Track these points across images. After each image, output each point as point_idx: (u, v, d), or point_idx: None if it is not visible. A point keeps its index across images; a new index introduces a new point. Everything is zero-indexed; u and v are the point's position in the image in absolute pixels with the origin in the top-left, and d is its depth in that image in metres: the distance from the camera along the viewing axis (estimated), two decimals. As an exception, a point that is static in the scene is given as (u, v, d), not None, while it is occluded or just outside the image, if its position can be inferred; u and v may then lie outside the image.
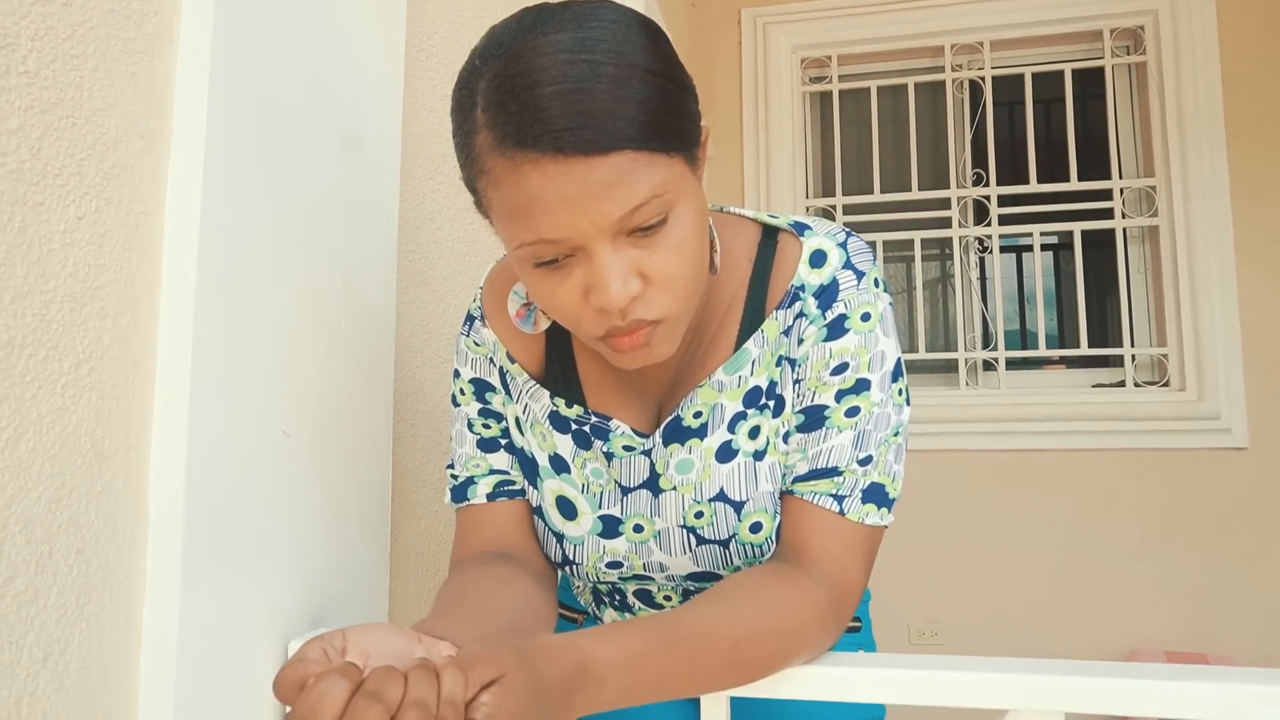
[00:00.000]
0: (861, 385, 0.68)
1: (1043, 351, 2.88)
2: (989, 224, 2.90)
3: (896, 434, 0.70)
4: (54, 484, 0.56)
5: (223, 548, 0.66)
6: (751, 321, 0.71)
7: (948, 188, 2.95)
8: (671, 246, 0.58)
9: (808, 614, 0.63)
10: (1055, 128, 2.95)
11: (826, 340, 0.68)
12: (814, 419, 0.69)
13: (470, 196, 0.62)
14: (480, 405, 0.78)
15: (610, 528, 0.74)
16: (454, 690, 0.44)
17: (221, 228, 0.67)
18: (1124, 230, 2.83)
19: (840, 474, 0.67)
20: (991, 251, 2.90)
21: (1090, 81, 2.96)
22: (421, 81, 1.07)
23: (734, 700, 0.87)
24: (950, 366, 2.92)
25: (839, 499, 0.67)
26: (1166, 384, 2.74)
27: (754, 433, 0.71)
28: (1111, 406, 2.73)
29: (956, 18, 2.95)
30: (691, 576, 0.75)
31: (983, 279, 2.95)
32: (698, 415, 0.71)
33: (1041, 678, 0.61)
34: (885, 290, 0.71)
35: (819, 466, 0.68)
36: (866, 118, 3.03)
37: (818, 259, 0.70)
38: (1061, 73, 2.91)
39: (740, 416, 0.71)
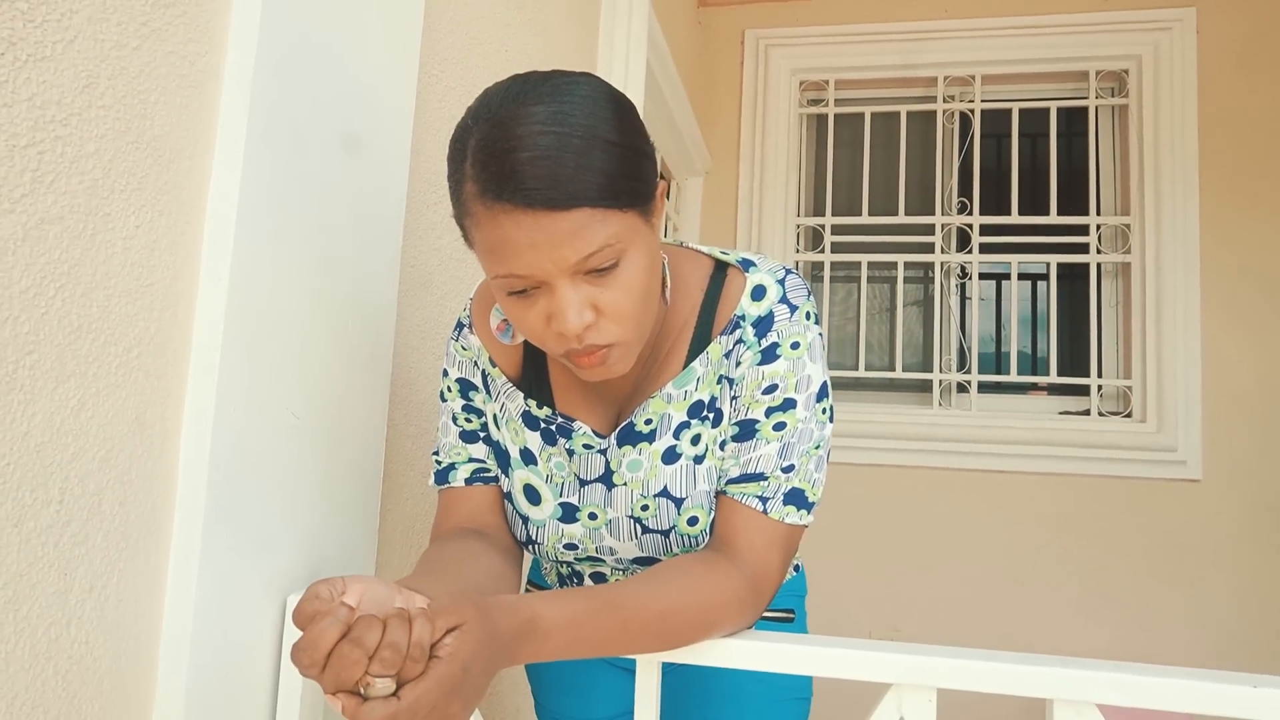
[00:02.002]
0: (788, 404, 0.80)
1: (1014, 377, 3.00)
2: (970, 251, 3.02)
3: (818, 447, 0.81)
4: (105, 447, 0.67)
5: (236, 510, 0.78)
6: (699, 344, 0.83)
7: (933, 214, 3.07)
8: (621, 285, 0.70)
9: (728, 595, 0.74)
10: (1040, 162, 3.07)
11: (760, 364, 0.80)
12: (746, 431, 0.81)
13: (458, 227, 0.74)
14: (464, 402, 0.90)
15: (569, 514, 0.86)
16: (422, 635, 0.56)
17: (251, 238, 0.78)
18: (1098, 265, 2.95)
19: (766, 479, 0.79)
20: (971, 278, 3.03)
21: (1075, 120, 3.08)
22: (431, 105, 1.18)
23: (675, 676, 0.99)
24: (925, 386, 3.04)
25: (764, 500, 0.79)
26: (1129, 415, 2.87)
27: (695, 440, 0.83)
28: (1076, 434, 2.85)
29: (950, 51, 3.06)
30: (637, 560, 0.87)
31: (962, 304, 3.07)
32: (649, 422, 0.83)
33: (917, 659, 0.73)
34: (816, 323, 0.83)
35: (748, 472, 0.80)
36: (859, 142, 3.15)
37: (758, 293, 0.82)
38: (1048, 110, 3.03)
39: (684, 425, 0.83)
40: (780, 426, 0.80)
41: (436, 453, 0.91)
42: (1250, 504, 2.73)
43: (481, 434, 0.90)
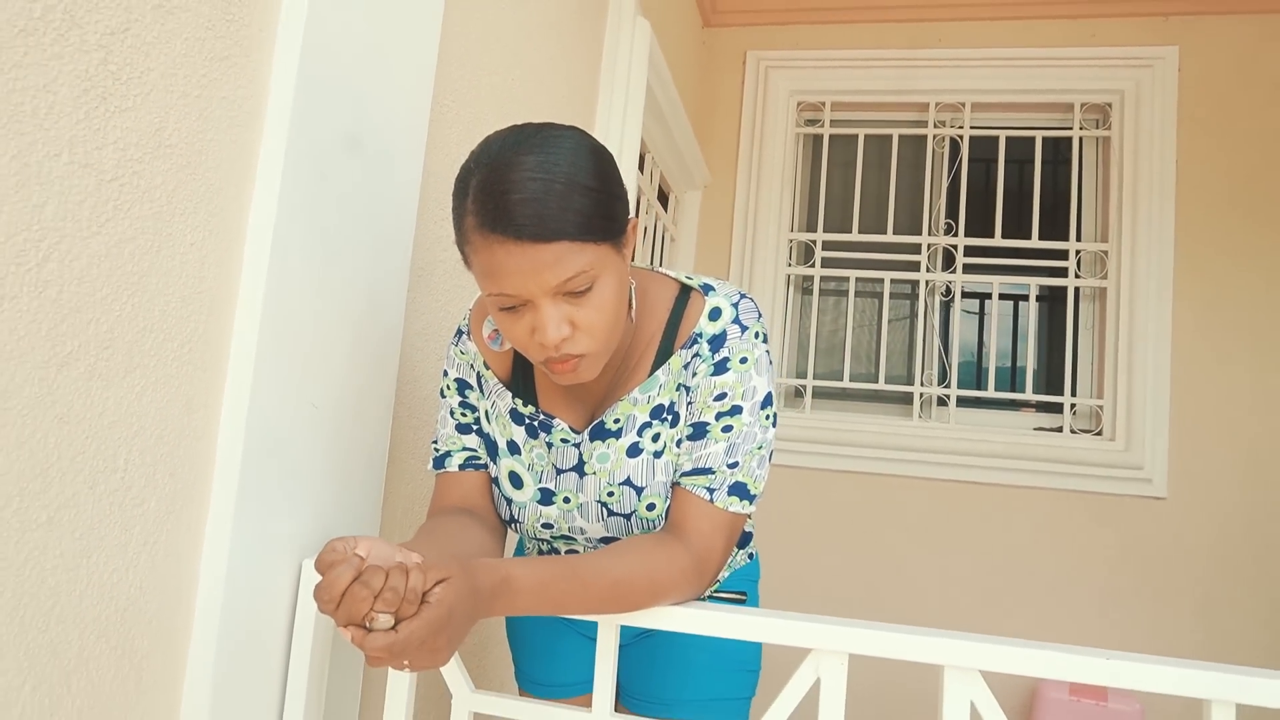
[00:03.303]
0: (735, 410, 0.94)
1: (992, 393, 3.13)
2: (954, 271, 3.16)
3: (760, 447, 0.95)
4: (160, 427, 0.82)
5: (264, 486, 0.92)
6: (663, 355, 0.97)
7: (920, 234, 3.21)
8: (594, 305, 0.84)
9: (675, 569, 0.88)
10: (1024, 187, 3.21)
11: (713, 375, 0.94)
12: (698, 431, 0.94)
13: (459, 251, 0.88)
14: (460, 399, 1.04)
15: (546, 497, 1.00)
16: (416, 583, 0.70)
17: (284, 254, 0.92)
18: (1076, 289, 3.08)
19: (713, 473, 0.93)
20: (954, 297, 3.16)
21: (1060, 149, 3.22)
22: (441, 131, 1.33)
23: (636, 649, 1.13)
24: (907, 399, 3.18)
25: (710, 491, 0.93)
26: (1100, 433, 3.00)
27: (656, 438, 0.96)
28: (1048, 450, 2.98)
29: (943, 79, 3.20)
30: (603, 539, 1.00)
31: (945, 321, 3.20)
32: (617, 421, 0.97)
33: (832, 628, 0.87)
34: (764, 341, 0.97)
35: (698, 466, 0.94)
36: (852, 162, 3.29)
37: (715, 314, 0.96)
38: (1034, 138, 3.16)
39: (647, 425, 0.97)
40: (728, 429, 0.94)
41: (435, 442, 1.05)
42: (1212, 522, 2.86)
43: (474, 427, 1.04)
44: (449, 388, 1.05)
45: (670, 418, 0.97)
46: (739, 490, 0.94)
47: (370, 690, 1.16)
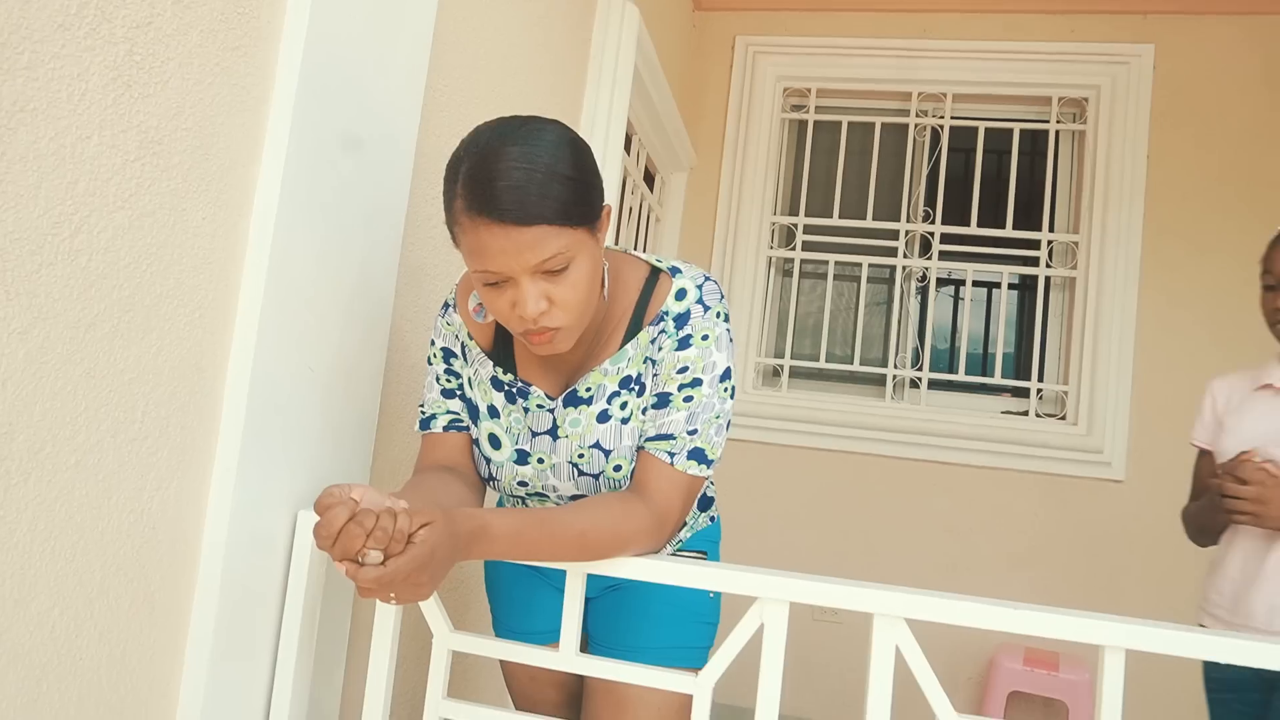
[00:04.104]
0: (696, 382, 1.03)
1: (962, 376, 3.24)
2: (930, 257, 3.26)
3: (718, 417, 1.04)
4: (173, 384, 0.90)
5: (264, 441, 1.01)
6: (633, 331, 1.06)
7: (899, 220, 3.30)
8: (570, 283, 0.93)
9: (635, 523, 0.98)
10: (1001, 177, 3.30)
11: (676, 350, 1.03)
12: (662, 401, 1.04)
13: (448, 231, 0.97)
14: (446, 366, 1.13)
15: (522, 458, 1.09)
16: (403, 525, 0.79)
17: (287, 229, 1.01)
18: (1047, 278, 3.19)
19: (674, 439, 1.03)
20: (929, 282, 3.26)
21: (1037, 141, 3.31)
22: (435, 115, 1.40)
23: (603, 601, 1.23)
24: (881, 380, 3.28)
25: (671, 455, 1.02)
26: (1064, 418, 3.12)
27: (623, 406, 1.06)
28: (1014, 432, 3.09)
29: (926, 70, 3.28)
30: (573, 497, 1.10)
31: (921, 306, 3.30)
32: (588, 390, 1.06)
33: (775, 579, 0.97)
34: (725, 320, 1.06)
35: (661, 432, 1.03)
36: (835, 148, 3.37)
37: (681, 294, 1.05)
38: (1012, 130, 3.25)
39: (615, 394, 1.06)
40: (689, 399, 1.03)
41: (422, 405, 1.15)
42: (1167, 505, 2.97)
43: (458, 392, 1.13)
44: (435, 355, 1.14)
45: (637, 388, 1.06)
46: (697, 455, 1.03)
47: (358, 628, 1.25)
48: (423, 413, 1.14)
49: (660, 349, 1.05)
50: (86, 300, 0.79)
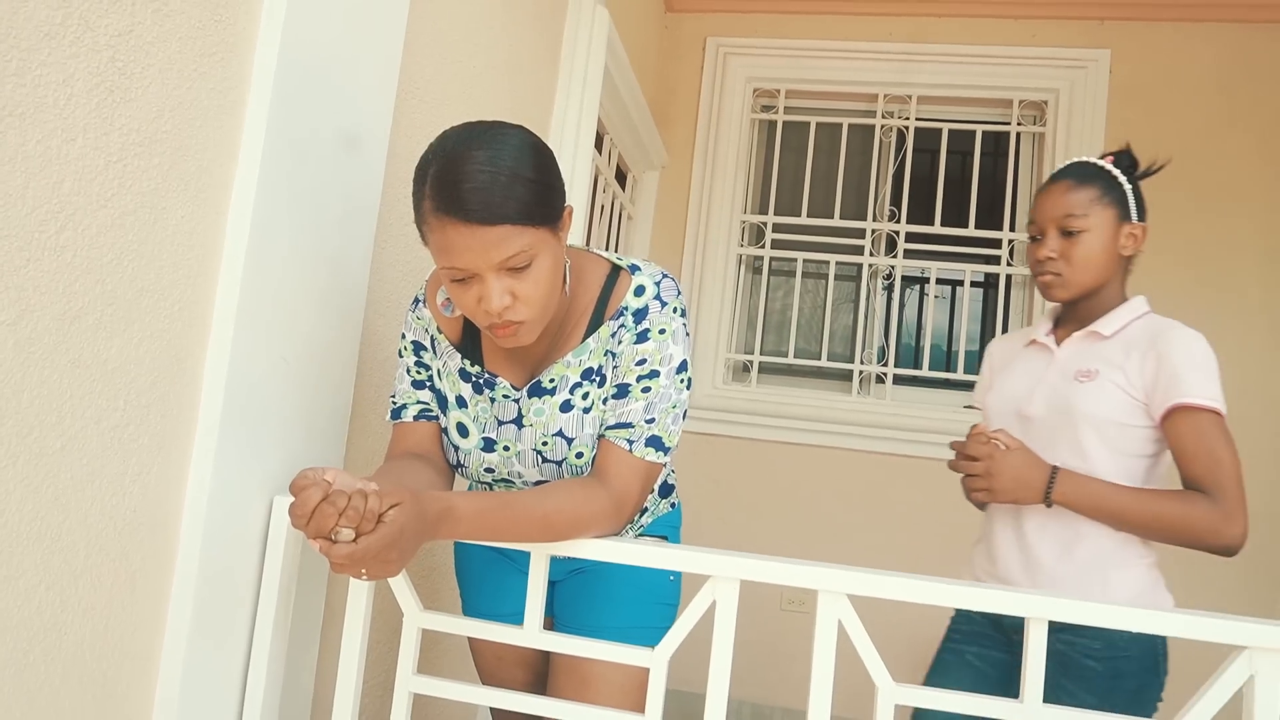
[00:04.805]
0: (654, 374, 1.09)
1: (926, 372, 3.32)
2: (896, 256, 3.34)
3: (675, 407, 1.10)
4: (154, 374, 0.95)
5: (241, 429, 1.05)
6: (594, 325, 1.12)
7: (865, 219, 3.38)
8: (532, 280, 0.98)
9: (595, 507, 1.04)
10: (966, 178, 3.38)
11: (635, 343, 1.09)
12: (621, 391, 1.10)
13: (418, 230, 1.02)
14: (416, 358, 1.18)
15: (489, 445, 1.15)
16: (374, 505, 0.85)
17: (263, 227, 1.05)
18: (1008, 276, 3.28)
19: (633, 427, 1.09)
20: (894, 280, 3.34)
21: (999, 142, 3.40)
22: (406, 116, 1.45)
23: (568, 585, 1.28)
24: (848, 375, 3.36)
25: (630, 442, 1.08)
26: (1023, 412, 3.21)
27: (585, 396, 1.11)
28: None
29: (892, 72, 3.36)
30: (537, 483, 1.16)
31: (887, 303, 3.38)
32: (552, 381, 1.12)
33: (727, 559, 1.03)
34: (682, 316, 1.12)
35: (620, 421, 1.09)
36: (804, 148, 3.44)
37: (639, 291, 1.11)
38: (974, 131, 3.34)
39: (578, 385, 1.12)
40: (647, 390, 1.09)
41: (393, 396, 1.20)
42: (1121, 496, 3.09)
43: (428, 383, 1.18)
44: (406, 348, 1.19)
45: (598, 379, 1.12)
46: (654, 443, 1.09)
47: (332, 609, 1.30)
48: (394, 403, 1.19)
49: (620, 342, 1.10)
50: (72, 294, 0.83)
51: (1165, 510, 1.31)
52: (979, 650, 1.55)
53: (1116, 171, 1.52)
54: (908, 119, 3.39)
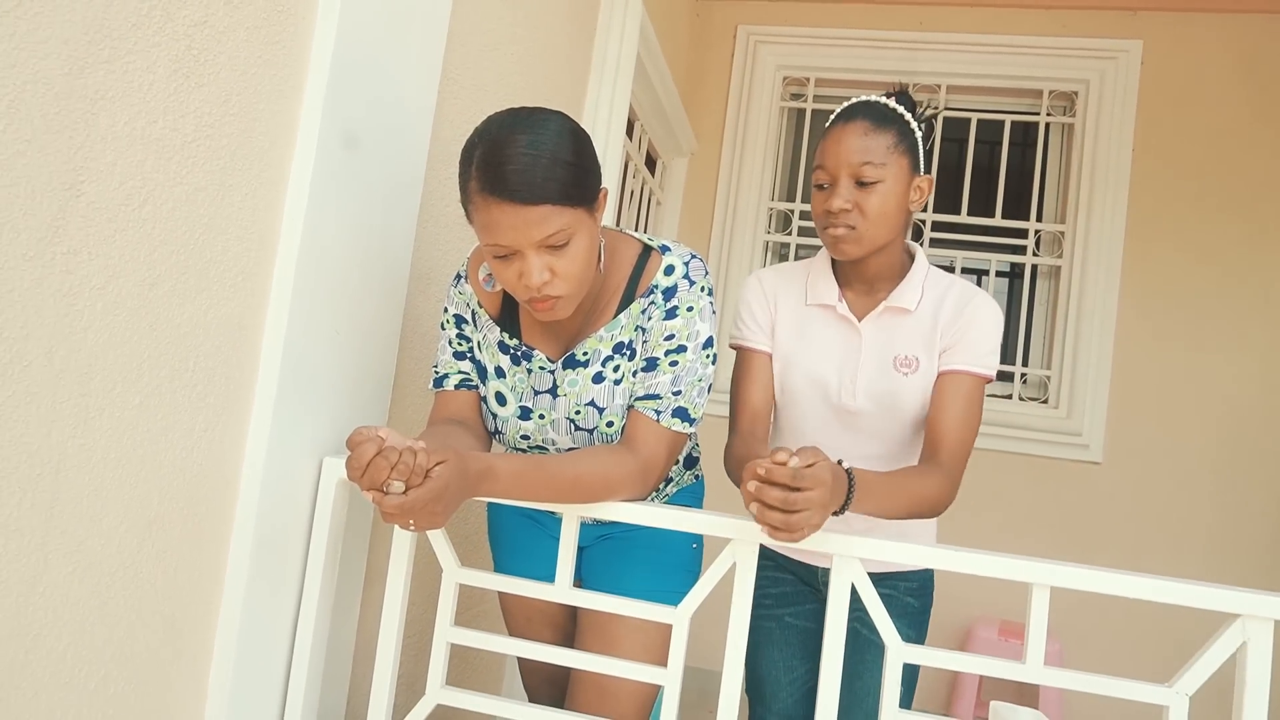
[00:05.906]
0: (681, 349, 1.16)
1: (949, 360, 3.35)
2: (922, 244, 3.37)
3: (700, 380, 1.17)
4: (219, 339, 1.03)
5: (296, 395, 1.13)
6: (626, 302, 1.19)
7: (891, 208, 3.40)
8: (570, 257, 1.05)
9: (624, 471, 1.11)
10: (994, 167, 3.40)
11: (664, 320, 1.16)
12: (651, 365, 1.16)
13: (463, 209, 1.09)
14: (457, 331, 1.25)
15: (525, 414, 1.22)
16: (423, 460, 0.92)
17: (319, 205, 1.13)
18: (1034, 266, 3.30)
19: (661, 398, 1.15)
20: (920, 268, 3.37)
21: (1028, 133, 3.41)
22: (448, 101, 1.52)
23: (595, 550, 1.35)
24: (871, 362, 3.40)
25: (658, 413, 1.15)
26: (1045, 402, 3.24)
27: (616, 369, 1.18)
28: (998, 415, 3.21)
29: (922, 61, 3.38)
30: (570, 449, 1.23)
31: (910, 291, 3.41)
32: (585, 354, 1.19)
33: (747, 524, 1.09)
34: (708, 294, 1.18)
35: (649, 393, 1.16)
36: (832, 137, 3.47)
37: (669, 270, 1.17)
38: (1003, 122, 3.36)
39: (609, 358, 1.18)
40: (674, 364, 1.16)
41: (435, 366, 1.27)
42: (1142, 488, 3.12)
43: (468, 354, 1.25)
44: (448, 321, 1.26)
45: (629, 353, 1.18)
46: (681, 414, 1.16)
47: (374, 565, 1.38)
48: (436, 373, 1.27)
49: (650, 319, 1.17)
50: (151, 262, 0.91)
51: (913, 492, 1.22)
52: (796, 609, 1.54)
53: (910, 116, 1.37)
54: (936, 108, 3.40)
